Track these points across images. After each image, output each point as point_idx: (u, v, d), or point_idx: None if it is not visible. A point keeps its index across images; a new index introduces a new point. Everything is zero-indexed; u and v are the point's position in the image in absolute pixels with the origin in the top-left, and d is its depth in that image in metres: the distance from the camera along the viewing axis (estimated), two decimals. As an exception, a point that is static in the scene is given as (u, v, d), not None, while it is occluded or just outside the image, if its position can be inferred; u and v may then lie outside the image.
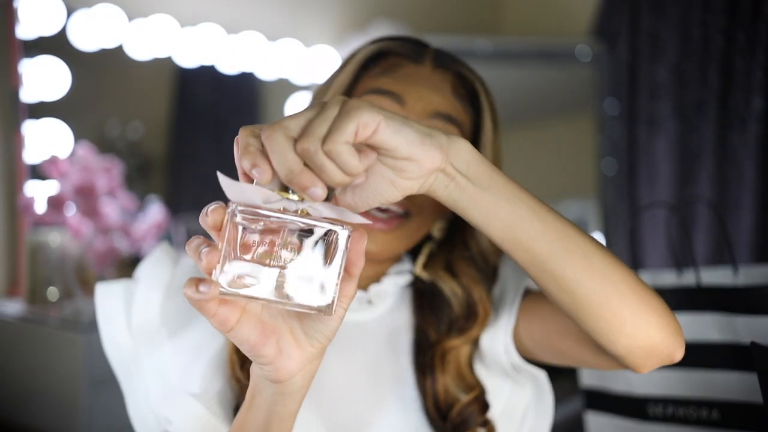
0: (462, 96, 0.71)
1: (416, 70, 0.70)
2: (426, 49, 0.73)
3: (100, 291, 0.70)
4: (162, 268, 0.70)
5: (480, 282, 0.72)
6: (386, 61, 0.71)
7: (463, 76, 0.72)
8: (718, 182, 2.11)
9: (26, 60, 1.67)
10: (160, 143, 2.08)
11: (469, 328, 0.70)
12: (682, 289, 0.95)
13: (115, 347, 0.68)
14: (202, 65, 2.07)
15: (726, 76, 2.09)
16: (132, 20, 1.85)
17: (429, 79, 0.70)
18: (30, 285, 1.55)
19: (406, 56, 0.71)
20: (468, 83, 0.72)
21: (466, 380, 0.70)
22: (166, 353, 0.67)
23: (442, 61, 0.72)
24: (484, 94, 0.72)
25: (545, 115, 2.64)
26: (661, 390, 0.97)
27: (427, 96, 0.68)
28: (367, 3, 2.45)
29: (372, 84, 0.69)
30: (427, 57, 0.72)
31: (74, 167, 1.53)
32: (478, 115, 0.72)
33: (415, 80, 0.69)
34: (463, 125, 0.70)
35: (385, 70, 0.70)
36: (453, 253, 0.73)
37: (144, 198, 1.90)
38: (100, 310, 0.69)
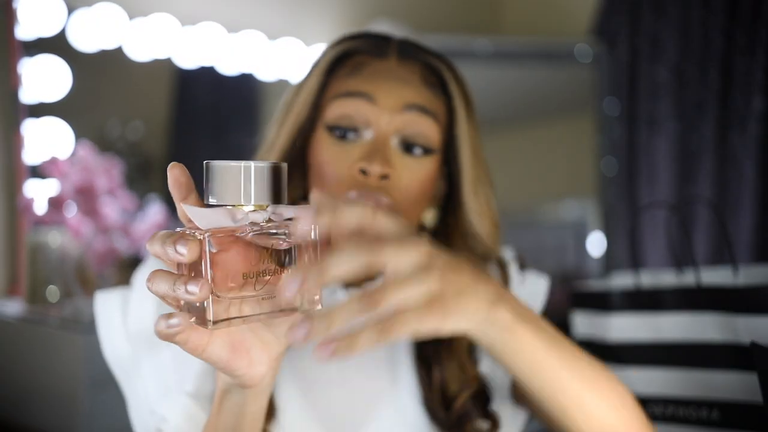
0: (432, 84, 0.71)
1: (382, 65, 0.70)
2: (390, 43, 0.73)
3: (98, 300, 0.70)
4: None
5: (478, 266, 0.71)
6: (352, 60, 0.71)
7: (431, 64, 0.72)
8: (718, 182, 2.11)
9: (26, 60, 1.67)
10: (160, 143, 2.08)
11: None
12: (682, 289, 0.95)
13: (115, 354, 0.69)
14: (201, 66, 2.07)
15: (726, 76, 2.09)
16: (132, 19, 1.86)
17: (396, 73, 0.70)
18: (30, 285, 1.55)
19: (370, 53, 0.71)
20: (436, 71, 0.72)
21: (467, 371, 0.71)
22: (165, 356, 0.67)
23: (408, 53, 0.72)
24: (454, 80, 0.72)
25: (545, 115, 2.64)
26: (661, 390, 0.97)
27: (396, 90, 0.68)
28: (367, 2, 2.45)
29: (340, 87, 0.69)
30: (392, 50, 0.72)
31: (74, 167, 1.53)
32: (451, 100, 0.72)
33: (382, 76, 0.69)
34: (437, 114, 0.70)
35: (351, 71, 0.70)
36: (449, 239, 0.73)
37: (144, 198, 1.90)
38: (99, 318, 0.70)
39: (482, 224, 0.72)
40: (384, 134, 0.67)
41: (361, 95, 0.68)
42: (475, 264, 0.71)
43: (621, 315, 1.01)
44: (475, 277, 0.48)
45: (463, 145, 0.71)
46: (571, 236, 2.62)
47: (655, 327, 0.97)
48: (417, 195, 0.69)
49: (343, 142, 0.68)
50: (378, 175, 0.65)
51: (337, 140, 0.68)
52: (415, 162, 0.68)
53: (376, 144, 0.67)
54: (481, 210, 0.72)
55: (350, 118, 0.68)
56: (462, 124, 0.71)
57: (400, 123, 0.68)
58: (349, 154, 0.67)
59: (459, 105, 0.71)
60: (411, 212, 0.70)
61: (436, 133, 0.69)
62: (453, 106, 0.71)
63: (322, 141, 0.69)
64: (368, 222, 0.43)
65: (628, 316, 1.00)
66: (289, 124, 0.70)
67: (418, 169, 0.68)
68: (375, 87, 0.68)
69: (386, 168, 0.66)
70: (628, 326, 1.00)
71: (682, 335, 0.95)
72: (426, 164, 0.69)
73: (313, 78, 0.70)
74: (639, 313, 0.99)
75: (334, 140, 0.68)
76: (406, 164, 0.68)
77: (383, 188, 0.66)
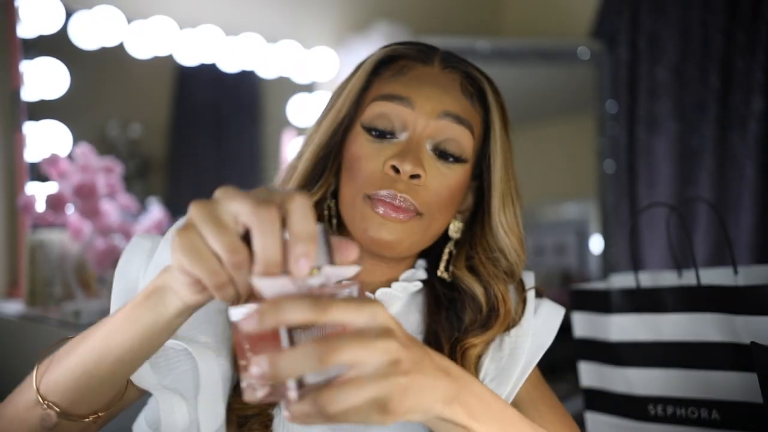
0: (471, 95, 0.73)
1: (425, 71, 0.72)
2: (435, 51, 0.75)
3: (134, 238, 0.70)
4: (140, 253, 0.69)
5: (501, 280, 0.73)
6: (396, 64, 0.73)
7: (471, 75, 0.74)
8: (718, 182, 2.11)
9: (26, 60, 1.67)
10: (160, 143, 2.08)
11: (489, 326, 0.71)
12: (682, 289, 0.95)
13: (123, 288, 0.67)
14: (201, 66, 2.07)
15: (726, 76, 2.09)
16: (131, 22, 1.86)
17: (437, 80, 0.72)
18: (30, 285, 1.55)
19: (414, 58, 0.73)
20: (476, 82, 0.74)
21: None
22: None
23: (450, 62, 0.74)
24: (492, 93, 0.74)
25: (545, 116, 2.64)
26: (661, 390, 0.97)
27: (435, 96, 0.70)
28: (367, 4, 2.45)
29: (382, 89, 0.71)
30: (436, 58, 0.74)
31: (74, 167, 1.53)
32: (488, 113, 0.74)
33: (423, 81, 0.71)
34: (473, 124, 0.72)
35: (394, 74, 0.72)
36: (473, 252, 0.74)
37: (144, 199, 1.90)
38: (126, 251, 0.69)
39: (508, 240, 0.73)
40: (419, 137, 0.69)
41: (400, 99, 0.70)
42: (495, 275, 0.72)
43: (621, 315, 1.01)
44: (436, 373, 0.47)
45: (496, 159, 0.73)
46: (572, 236, 2.62)
47: (655, 327, 0.97)
48: (445, 201, 0.70)
49: (379, 141, 0.69)
50: (408, 174, 0.67)
51: (373, 139, 0.70)
52: (447, 168, 0.70)
53: (410, 145, 0.68)
54: (508, 225, 0.73)
55: (388, 119, 0.69)
56: (497, 138, 0.73)
57: (435, 128, 0.69)
58: (382, 152, 0.69)
59: (496, 118, 0.73)
60: (437, 218, 0.70)
61: (470, 143, 0.71)
62: (490, 119, 0.73)
63: (359, 138, 0.70)
64: (317, 320, 0.41)
65: (628, 316, 1.00)
66: (329, 120, 0.72)
67: (448, 175, 0.70)
68: (414, 91, 0.70)
69: (417, 168, 0.67)
70: (628, 326, 1.00)
71: (682, 335, 0.95)
72: (456, 172, 0.70)
73: (358, 77, 0.72)
74: (639, 313, 0.99)
75: (370, 138, 0.70)
76: (437, 169, 0.69)
77: (412, 189, 0.67)
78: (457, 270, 0.74)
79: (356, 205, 0.69)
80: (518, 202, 0.75)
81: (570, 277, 2.58)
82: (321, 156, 0.71)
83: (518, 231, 0.74)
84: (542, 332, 0.75)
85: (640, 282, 1.01)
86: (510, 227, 0.73)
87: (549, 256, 2.63)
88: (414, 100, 0.69)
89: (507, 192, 0.73)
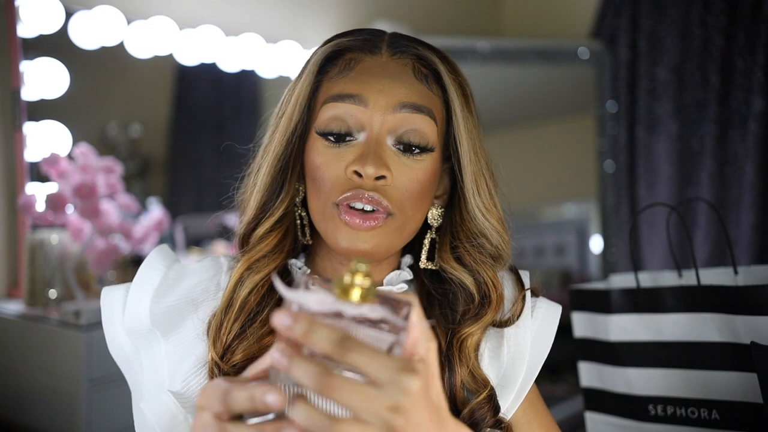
0: (425, 77, 0.69)
1: (373, 61, 0.68)
2: (381, 38, 0.70)
3: (104, 294, 0.70)
4: (155, 270, 0.69)
5: (488, 266, 0.70)
6: (342, 58, 0.69)
7: (423, 57, 0.69)
8: (718, 182, 2.11)
9: (26, 60, 1.67)
10: (160, 143, 2.08)
11: (483, 314, 0.69)
12: (682, 289, 0.95)
13: (118, 348, 0.69)
14: (201, 66, 2.07)
15: (726, 76, 2.09)
16: (131, 22, 1.86)
17: (388, 69, 0.67)
18: (30, 285, 1.55)
19: (361, 49, 0.69)
20: (429, 63, 0.69)
21: (476, 376, 0.69)
22: (161, 351, 0.67)
23: (399, 46, 0.69)
24: (447, 72, 0.69)
25: (545, 116, 2.64)
26: (661, 390, 0.97)
27: (388, 88, 0.66)
28: (367, 4, 2.45)
29: (331, 89, 0.67)
30: (383, 45, 0.69)
31: (74, 167, 1.53)
32: (446, 93, 0.69)
33: (373, 74, 0.67)
34: (433, 109, 0.68)
35: (342, 70, 0.68)
36: (457, 241, 0.71)
37: (144, 199, 1.90)
38: (104, 312, 0.69)
39: (488, 223, 0.70)
40: (378, 135, 0.65)
41: (351, 97, 0.66)
42: (480, 261, 0.70)
43: (621, 315, 1.01)
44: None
45: (461, 141, 0.68)
46: (572, 236, 2.62)
47: (655, 327, 0.97)
48: (417, 195, 0.67)
49: (337, 145, 0.66)
50: (372, 177, 0.64)
51: (330, 144, 0.66)
52: (413, 161, 0.66)
53: (370, 145, 0.65)
54: (485, 207, 0.70)
55: (342, 120, 0.66)
56: (459, 119, 0.68)
57: (393, 122, 0.66)
58: (343, 156, 0.65)
59: (454, 97, 0.68)
60: (411, 215, 0.67)
61: (433, 130, 0.67)
62: (448, 99, 0.69)
63: (316, 145, 0.67)
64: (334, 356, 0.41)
65: (628, 316, 1.00)
66: (282, 129, 0.68)
67: (416, 168, 0.66)
68: (365, 87, 0.66)
69: (381, 170, 0.64)
70: (628, 326, 1.00)
71: (682, 335, 0.95)
72: (424, 163, 0.67)
73: (305, 80, 0.68)
74: (639, 313, 0.99)
75: (327, 144, 0.66)
76: (403, 164, 0.66)
77: (379, 190, 0.64)
78: (444, 262, 0.71)
79: (326, 215, 0.66)
80: (492, 181, 0.71)
81: (570, 277, 2.58)
82: (279, 168, 0.68)
83: (496, 211, 0.71)
84: (541, 338, 0.73)
85: (640, 282, 1.01)
86: (487, 209, 0.70)
87: (549, 256, 2.63)
88: (366, 97, 0.65)
89: (479, 173, 0.69)
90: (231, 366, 0.65)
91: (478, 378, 0.69)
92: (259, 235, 0.68)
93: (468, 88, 0.71)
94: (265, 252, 0.68)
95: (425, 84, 0.68)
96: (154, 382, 0.66)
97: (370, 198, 0.64)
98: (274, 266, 0.68)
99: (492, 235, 0.70)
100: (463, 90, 0.70)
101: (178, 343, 0.67)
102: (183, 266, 0.71)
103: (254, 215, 0.69)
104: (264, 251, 0.68)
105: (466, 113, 0.69)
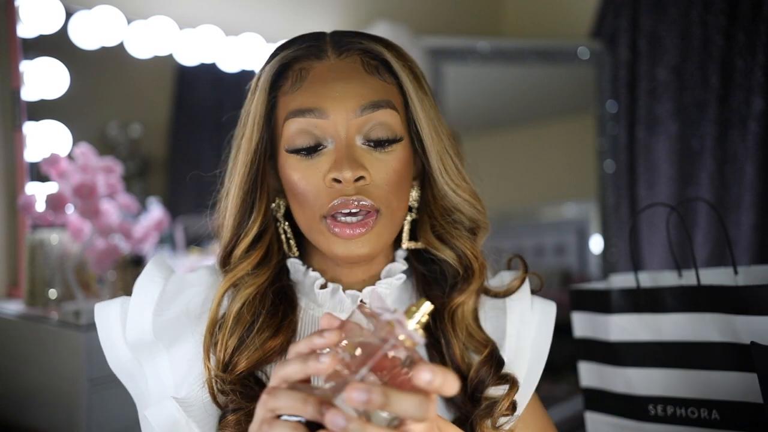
0: (376, 69, 0.69)
1: (322, 67, 0.68)
2: (323, 40, 0.70)
3: (98, 311, 0.70)
4: (153, 283, 0.69)
5: (466, 239, 0.72)
6: (291, 70, 0.69)
7: (369, 50, 0.70)
8: (718, 182, 2.11)
9: (26, 60, 1.67)
10: (160, 143, 2.08)
11: (468, 283, 0.71)
12: (682, 289, 0.95)
13: (119, 363, 0.69)
14: (201, 66, 2.07)
15: (726, 76, 2.09)
16: (131, 22, 1.86)
17: (338, 72, 0.68)
18: (30, 285, 1.55)
19: (308, 57, 0.69)
20: (377, 56, 0.70)
21: (476, 338, 0.71)
22: (164, 362, 0.67)
23: (343, 45, 0.70)
24: (395, 59, 0.69)
25: (545, 116, 2.64)
26: (661, 390, 0.97)
27: (342, 95, 0.66)
28: (367, 4, 2.45)
29: (288, 105, 0.68)
30: (328, 48, 0.69)
31: (74, 167, 1.53)
32: (398, 79, 0.70)
33: (325, 81, 0.67)
34: (391, 99, 0.68)
35: (295, 82, 0.68)
36: (434, 221, 0.73)
37: (144, 199, 1.90)
38: (100, 329, 0.69)
39: (459, 198, 0.71)
40: (346, 139, 0.66)
41: (310, 111, 0.66)
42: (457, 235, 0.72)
43: (621, 315, 1.01)
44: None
45: (421, 124, 0.69)
46: (572, 236, 2.62)
47: (655, 327, 0.97)
48: (396, 185, 0.68)
49: (309, 157, 0.67)
50: (352, 180, 0.64)
51: (303, 157, 0.67)
52: (385, 154, 0.67)
53: (341, 150, 0.66)
54: (455, 184, 0.71)
55: (308, 134, 0.67)
56: (414, 102, 0.69)
57: (358, 125, 0.67)
58: (318, 167, 0.66)
59: (407, 82, 0.69)
60: (396, 205, 0.69)
61: (396, 119, 0.68)
62: (401, 84, 0.70)
63: (289, 161, 0.68)
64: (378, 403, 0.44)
65: (628, 316, 1.00)
66: (244, 152, 0.69)
67: (389, 160, 0.68)
68: (321, 98, 0.66)
69: (358, 170, 0.65)
70: (628, 326, 1.00)
71: (682, 335, 0.95)
72: (396, 153, 0.68)
73: (258, 99, 0.68)
74: (639, 313, 0.99)
75: (300, 158, 0.67)
76: (378, 160, 0.67)
77: (361, 191, 0.65)
78: (427, 242, 0.73)
79: (315, 230, 0.67)
80: (457, 156, 0.72)
81: (570, 277, 2.58)
82: (247, 189, 0.69)
83: (466, 184, 0.72)
84: (541, 335, 0.75)
85: (640, 282, 1.01)
86: (457, 184, 0.71)
87: (549, 256, 2.63)
88: (324, 108, 0.66)
89: (443, 151, 0.70)
90: (236, 375, 0.65)
91: (478, 339, 0.71)
92: (238, 255, 0.69)
93: (417, 69, 0.71)
94: (248, 270, 0.68)
95: (377, 76, 0.69)
96: (158, 390, 0.67)
97: (357, 203, 0.65)
98: (263, 279, 0.69)
99: (466, 209, 0.72)
100: (414, 72, 0.70)
101: (183, 354, 0.68)
102: (181, 277, 0.72)
103: (230, 238, 0.69)
104: (247, 269, 0.68)
105: (421, 95, 0.70)
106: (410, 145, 0.71)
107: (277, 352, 0.67)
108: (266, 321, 0.67)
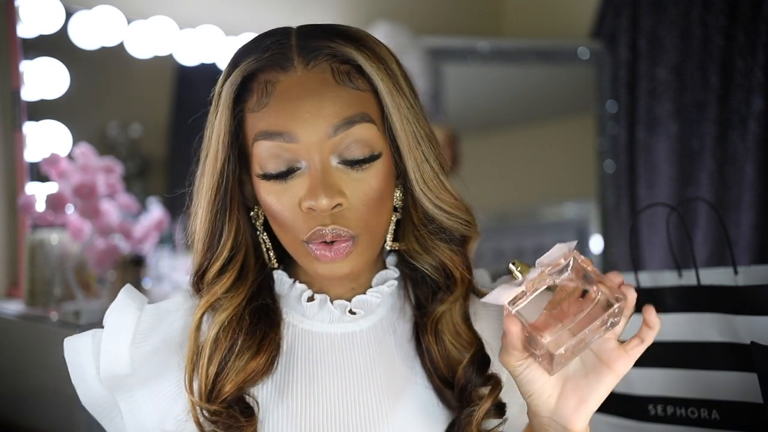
0: (347, 75, 0.63)
1: (289, 82, 0.62)
2: (290, 48, 0.64)
3: (67, 346, 0.67)
4: (126, 315, 0.67)
5: (442, 248, 0.68)
6: (256, 82, 0.63)
7: (339, 54, 0.63)
8: (718, 182, 2.11)
9: (26, 60, 1.67)
10: (160, 143, 2.08)
11: (450, 292, 0.69)
12: (682, 289, 0.95)
13: (92, 399, 0.67)
14: (201, 66, 2.07)
15: (726, 76, 2.09)
16: (131, 22, 1.86)
17: (306, 87, 0.62)
18: (30, 285, 1.55)
19: (272, 67, 0.63)
20: (347, 59, 0.63)
21: (463, 337, 0.69)
22: (139, 398, 0.66)
23: (310, 51, 0.63)
24: (367, 60, 0.63)
25: (545, 116, 2.64)
26: (661, 390, 0.97)
27: (313, 114, 0.61)
28: (367, 4, 2.45)
29: (256, 124, 0.63)
30: (295, 57, 0.63)
31: (74, 167, 1.53)
32: (372, 83, 0.64)
33: (292, 99, 0.61)
34: (365, 108, 0.63)
35: (260, 97, 0.63)
36: (415, 229, 0.69)
37: (144, 199, 1.90)
38: (71, 365, 0.67)
39: (438, 207, 0.66)
40: (321, 163, 0.61)
41: (279, 135, 0.61)
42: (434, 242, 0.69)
43: (621, 315, 1.01)
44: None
45: (397, 130, 0.64)
46: (572, 236, 2.61)
47: (655, 327, 0.97)
48: (376, 204, 0.64)
49: (283, 181, 0.63)
50: (328, 209, 0.60)
51: (275, 182, 0.63)
52: (364, 173, 0.63)
53: (315, 175, 0.61)
54: (434, 194, 0.66)
55: (278, 158, 0.62)
56: (389, 108, 0.63)
57: (332, 146, 0.61)
58: (292, 191, 0.62)
59: (380, 84, 0.63)
60: (376, 223, 0.65)
61: (374, 131, 0.63)
62: (376, 87, 0.63)
63: (261, 186, 0.64)
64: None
65: (628, 316, 1.00)
66: (209, 172, 0.65)
67: (368, 179, 0.63)
68: (290, 121, 0.61)
69: (335, 198, 0.60)
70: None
71: (682, 335, 0.95)
72: (374, 170, 0.63)
73: (221, 115, 0.64)
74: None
75: (272, 182, 0.63)
76: (355, 180, 0.62)
77: (338, 219, 0.62)
78: (408, 247, 0.70)
79: (297, 252, 0.65)
80: (437, 163, 0.66)
81: (570, 277, 2.57)
82: (215, 211, 0.65)
83: (446, 193, 0.66)
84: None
85: (640, 282, 1.01)
86: (436, 195, 0.66)
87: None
88: (294, 132, 0.61)
89: (420, 159, 0.64)
90: (221, 402, 0.63)
91: (466, 338, 0.69)
92: (210, 279, 0.66)
93: (394, 65, 0.65)
94: (221, 293, 0.65)
95: (349, 85, 0.63)
96: (135, 428, 0.65)
97: (332, 232, 0.62)
98: (240, 300, 0.66)
99: (443, 221, 0.67)
100: (389, 72, 0.64)
101: (166, 386, 0.66)
102: (156, 306, 0.69)
103: (200, 261, 0.66)
104: (220, 292, 0.65)
105: (398, 99, 0.63)
106: (391, 155, 0.66)
107: (262, 372, 0.65)
108: (246, 342, 0.64)
